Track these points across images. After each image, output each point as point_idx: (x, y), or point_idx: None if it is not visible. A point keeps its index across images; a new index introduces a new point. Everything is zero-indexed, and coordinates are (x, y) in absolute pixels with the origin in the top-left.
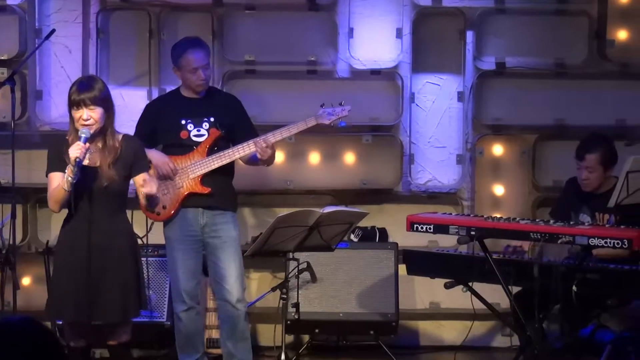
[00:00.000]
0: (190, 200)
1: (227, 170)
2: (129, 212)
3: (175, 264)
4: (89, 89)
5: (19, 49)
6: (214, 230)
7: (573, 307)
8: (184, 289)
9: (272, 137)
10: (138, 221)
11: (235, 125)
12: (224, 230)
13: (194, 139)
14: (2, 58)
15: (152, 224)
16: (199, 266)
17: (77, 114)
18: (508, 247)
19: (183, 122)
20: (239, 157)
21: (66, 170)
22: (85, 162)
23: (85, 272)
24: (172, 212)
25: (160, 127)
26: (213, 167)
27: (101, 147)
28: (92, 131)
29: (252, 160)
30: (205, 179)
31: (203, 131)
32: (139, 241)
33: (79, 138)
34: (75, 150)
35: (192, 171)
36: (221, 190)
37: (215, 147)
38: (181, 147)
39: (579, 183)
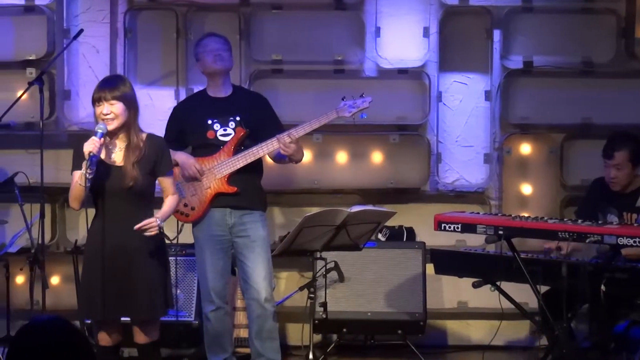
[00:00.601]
0: (218, 200)
1: (255, 169)
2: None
3: (204, 264)
4: (110, 85)
5: (47, 49)
6: (242, 229)
7: (601, 307)
8: (212, 289)
9: (295, 132)
10: (167, 222)
11: (261, 124)
12: (252, 230)
13: (221, 138)
14: (31, 58)
15: (182, 225)
16: (228, 266)
17: (98, 109)
18: (549, 249)
19: (209, 122)
20: (264, 154)
21: (82, 166)
22: (111, 161)
23: (111, 270)
24: (201, 213)
25: (188, 127)
26: (239, 166)
27: (125, 146)
28: (111, 127)
29: (279, 157)
30: (232, 178)
31: (229, 130)
32: (167, 241)
33: (94, 133)
34: (89, 145)
35: (219, 171)
36: (248, 190)
37: (242, 146)
38: (208, 147)
39: (606, 182)
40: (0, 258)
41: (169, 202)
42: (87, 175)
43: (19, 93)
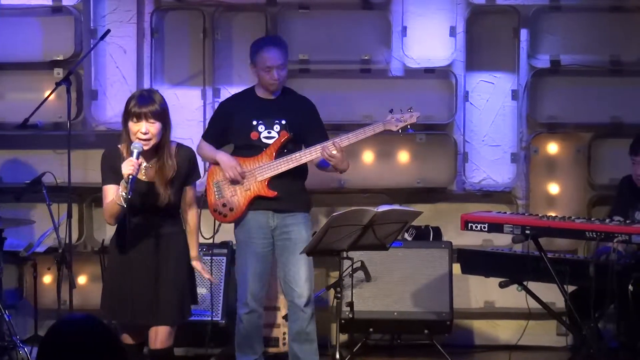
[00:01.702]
0: (258, 202)
1: (298, 172)
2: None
3: (245, 266)
4: (149, 102)
5: (74, 50)
6: (285, 232)
7: (629, 307)
8: (251, 292)
9: (340, 141)
10: (204, 222)
11: (306, 129)
12: (295, 232)
13: (264, 140)
14: (58, 59)
15: (219, 225)
16: (268, 269)
17: (135, 126)
18: (606, 249)
19: (254, 122)
20: (306, 161)
21: (120, 187)
22: (142, 177)
23: (141, 275)
24: (239, 214)
25: (232, 126)
26: (280, 170)
27: (158, 165)
28: (147, 147)
29: (323, 165)
30: (273, 181)
31: (274, 133)
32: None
33: (130, 153)
34: (128, 167)
35: (260, 174)
36: (289, 193)
37: (285, 149)
38: (251, 148)
39: (634, 180)
40: (28, 258)
41: (195, 232)
42: (127, 196)
43: (47, 93)
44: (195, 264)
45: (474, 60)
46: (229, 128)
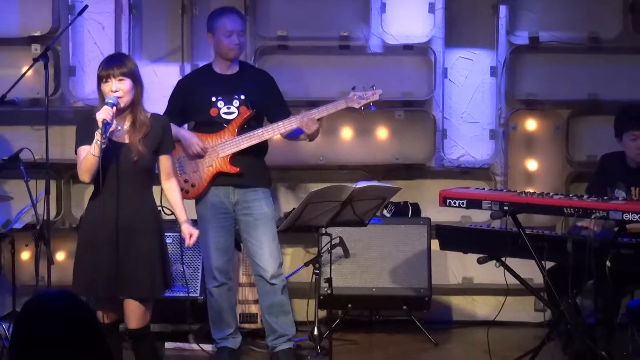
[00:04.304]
0: (220, 179)
1: (258, 148)
2: (156, 189)
3: (207, 241)
4: (117, 63)
5: (52, 26)
6: (245, 207)
7: (607, 283)
8: (215, 266)
9: (313, 114)
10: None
11: (266, 103)
12: (256, 208)
13: (224, 116)
14: (36, 34)
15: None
16: (231, 243)
17: (105, 86)
18: (576, 227)
19: (213, 99)
20: (269, 137)
21: (95, 135)
22: (112, 128)
23: (113, 247)
24: (201, 190)
25: (191, 103)
26: (242, 147)
27: (130, 123)
28: (121, 104)
29: (293, 135)
30: (235, 158)
31: (233, 109)
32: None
33: (106, 103)
34: (102, 113)
35: (222, 150)
36: (251, 169)
37: (246, 125)
38: (211, 124)
39: (633, 156)
40: (5, 234)
41: (179, 199)
42: (102, 145)
43: (24, 69)
44: (185, 227)
45: (453, 37)
46: (189, 105)
